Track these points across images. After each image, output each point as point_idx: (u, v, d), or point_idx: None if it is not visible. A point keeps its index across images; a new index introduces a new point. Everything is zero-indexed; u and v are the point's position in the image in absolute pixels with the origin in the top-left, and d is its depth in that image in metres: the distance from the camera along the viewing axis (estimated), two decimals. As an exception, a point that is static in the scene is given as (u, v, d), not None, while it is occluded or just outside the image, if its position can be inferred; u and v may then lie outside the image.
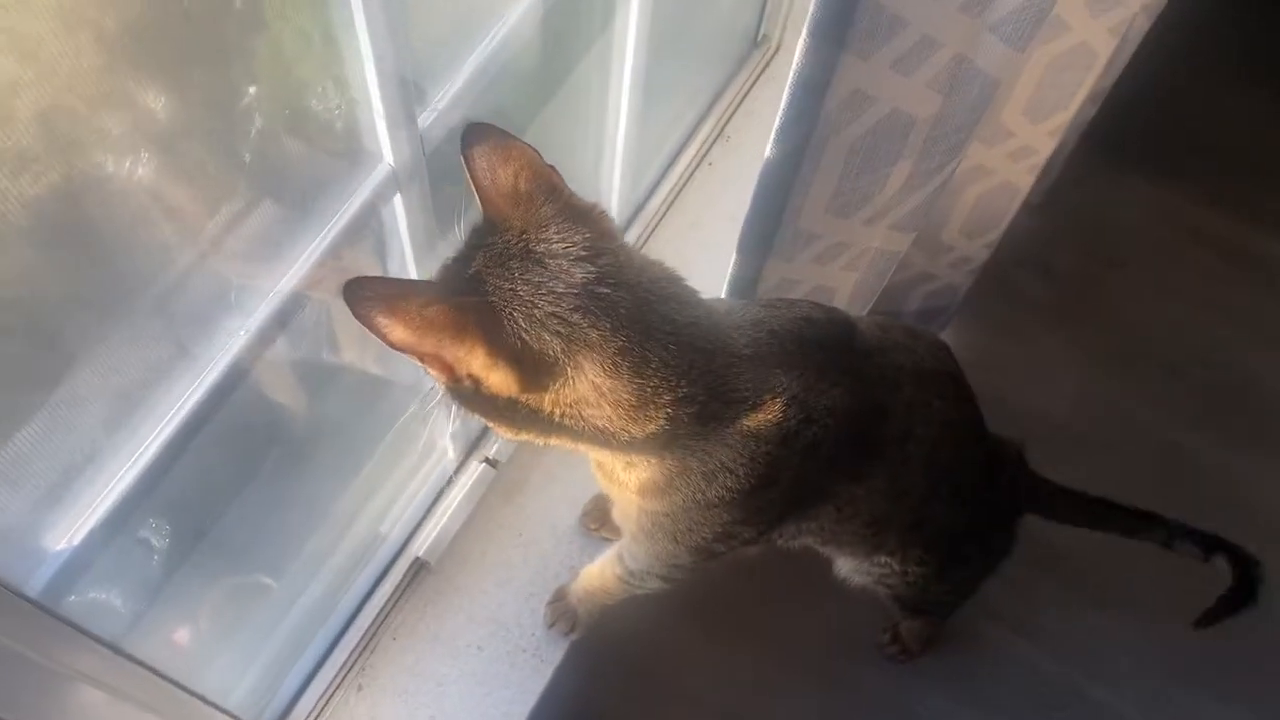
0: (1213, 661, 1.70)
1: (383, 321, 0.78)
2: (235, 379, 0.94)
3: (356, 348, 1.31)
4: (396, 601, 1.45)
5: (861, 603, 1.51)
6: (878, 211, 1.17)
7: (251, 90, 0.84)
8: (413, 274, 1.13)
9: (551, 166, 0.88)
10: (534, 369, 0.82)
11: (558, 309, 0.81)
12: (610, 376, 0.84)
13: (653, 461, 0.94)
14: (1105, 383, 1.96)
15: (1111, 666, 1.70)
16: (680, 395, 0.87)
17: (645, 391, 0.86)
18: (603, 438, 0.88)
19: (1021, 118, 1.43)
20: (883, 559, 1.26)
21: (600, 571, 1.31)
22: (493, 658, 1.43)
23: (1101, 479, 1.79)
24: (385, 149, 0.97)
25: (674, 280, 0.90)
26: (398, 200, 1.03)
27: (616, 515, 1.45)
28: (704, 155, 1.85)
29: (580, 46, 1.39)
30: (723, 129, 1.87)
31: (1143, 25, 1.61)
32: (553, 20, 1.25)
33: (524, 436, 0.91)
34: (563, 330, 0.81)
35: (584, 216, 0.86)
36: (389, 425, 1.43)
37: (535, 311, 0.81)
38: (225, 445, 1.07)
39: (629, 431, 0.88)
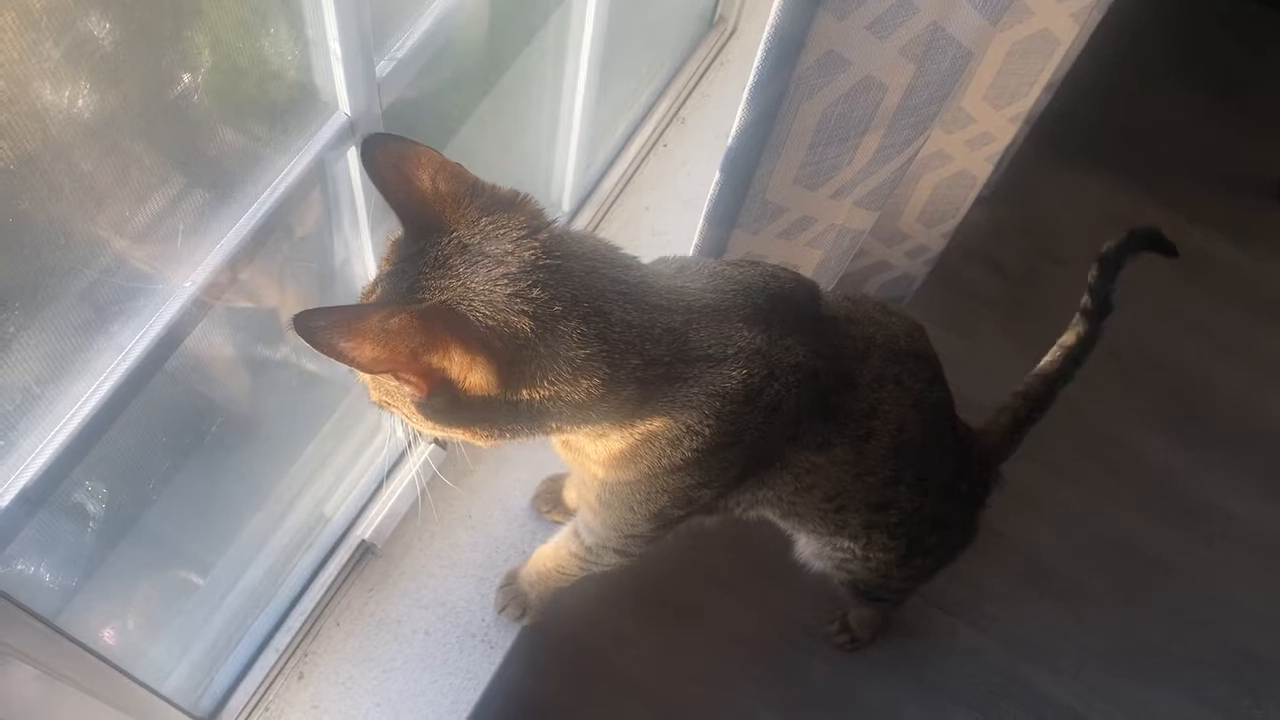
0: (1154, 650, 1.73)
1: (347, 345, 0.75)
2: (180, 334, 0.88)
3: (293, 340, 1.27)
4: (340, 586, 1.40)
5: (808, 592, 1.49)
6: (844, 185, 1.16)
7: (193, 33, 0.80)
8: (367, 236, 1.08)
9: (457, 164, 0.86)
10: (509, 356, 0.81)
11: (516, 289, 0.80)
12: (582, 346, 0.83)
13: (623, 431, 0.92)
14: (1052, 376, 1.98)
15: (1056, 655, 1.72)
16: (648, 357, 0.87)
17: (615, 357, 0.85)
18: (581, 415, 0.87)
19: (982, 103, 1.43)
20: (845, 543, 1.24)
21: (555, 551, 1.27)
22: (440, 643, 1.38)
23: (1049, 471, 1.82)
24: (341, 97, 0.92)
25: (612, 248, 0.90)
26: (352, 154, 0.98)
27: (573, 491, 1.42)
28: (659, 137, 1.82)
29: (540, 13, 1.36)
30: (678, 111, 1.85)
31: (1095, 19, 1.63)
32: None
33: (505, 440, 0.89)
34: (528, 309, 0.80)
35: (511, 204, 0.85)
36: (332, 409, 1.39)
37: (495, 298, 0.80)
38: (166, 411, 1.02)
39: (605, 403, 0.86)
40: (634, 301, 0.86)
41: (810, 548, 1.32)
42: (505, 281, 0.80)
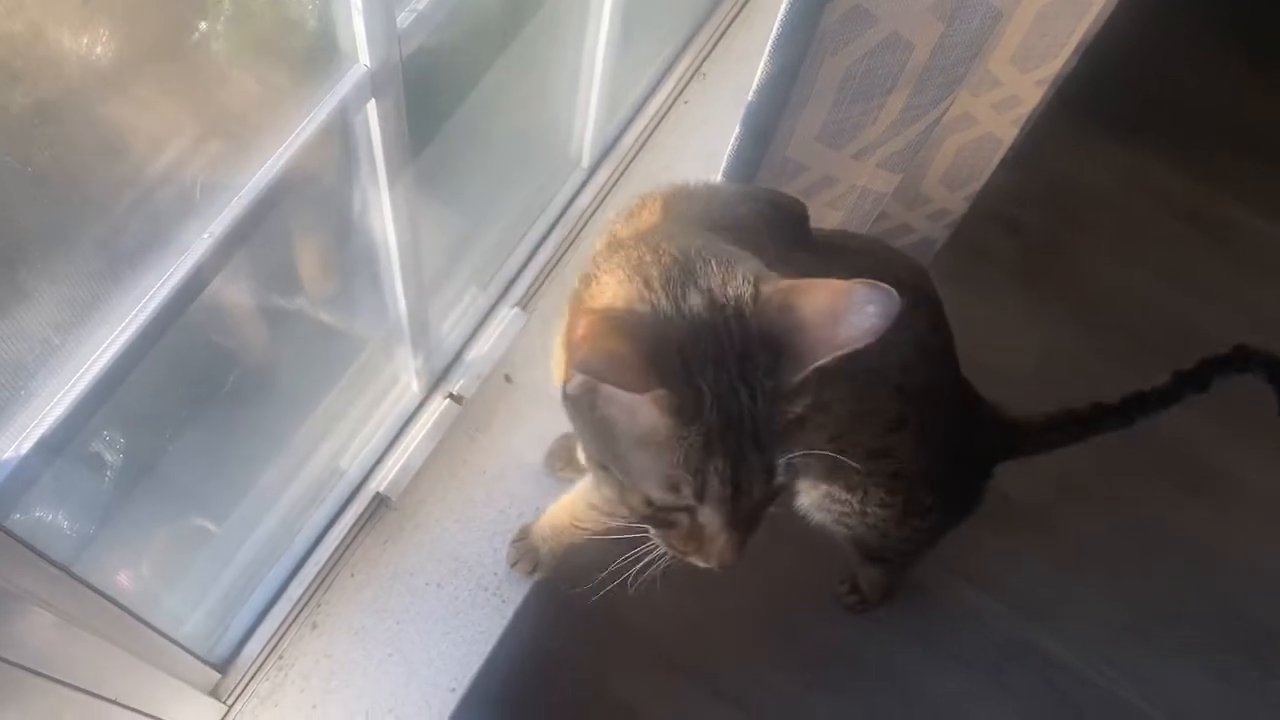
0: (1164, 618, 1.73)
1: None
2: (197, 287, 0.88)
3: (310, 294, 1.27)
4: (355, 537, 1.40)
5: (818, 552, 1.49)
6: (868, 145, 1.14)
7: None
8: (385, 188, 1.07)
9: None
10: None
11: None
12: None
13: None
14: (1069, 343, 1.96)
15: (1065, 621, 1.72)
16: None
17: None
18: None
19: (1009, 66, 1.40)
20: (843, 494, 1.23)
21: (571, 502, 1.28)
22: (453, 596, 1.39)
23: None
24: (361, 48, 0.91)
25: None
26: (371, 107, 0.97)
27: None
28: (680, 93, 1.80)
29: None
30: (699, 66, 1.82)
31: (1127, -23, 1.59)
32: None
33: None
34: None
35: None
36: (348, 364, 1.39)
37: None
38: (184, 362, 1.02)
39: None
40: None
41: (809, 497, 1.30)
42: None
